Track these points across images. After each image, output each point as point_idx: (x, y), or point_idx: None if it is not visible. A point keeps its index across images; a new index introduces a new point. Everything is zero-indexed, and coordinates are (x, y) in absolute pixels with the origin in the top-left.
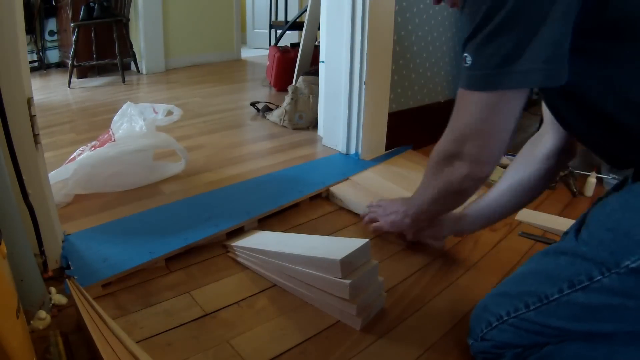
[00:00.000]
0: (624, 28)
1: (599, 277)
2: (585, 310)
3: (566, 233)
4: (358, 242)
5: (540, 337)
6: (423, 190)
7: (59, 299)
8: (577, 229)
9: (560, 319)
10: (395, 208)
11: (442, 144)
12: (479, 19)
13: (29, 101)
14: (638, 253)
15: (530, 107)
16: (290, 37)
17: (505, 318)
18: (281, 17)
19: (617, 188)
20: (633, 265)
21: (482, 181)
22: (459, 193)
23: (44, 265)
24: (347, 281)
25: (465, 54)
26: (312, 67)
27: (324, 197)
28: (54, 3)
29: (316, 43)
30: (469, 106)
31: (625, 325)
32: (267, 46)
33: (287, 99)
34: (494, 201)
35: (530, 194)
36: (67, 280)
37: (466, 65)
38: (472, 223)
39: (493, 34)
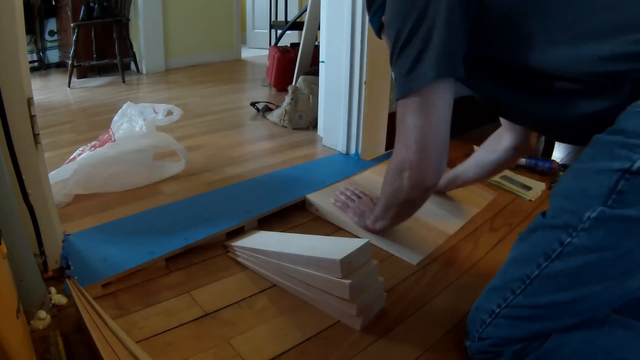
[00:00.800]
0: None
1: (568, 239)
2: (568, 277)
3: None
4: (358, 242)
5: (535, 322)
6: (379, 201)
7: (59, 299)
8: (543, 212)
9: (547, 294)
10: (364, 207)
11: (393, 157)
12: (392, 43)
13: (29, 101)
14: (595, 204)
15: None
16: (290, 37)
17: (497, 311)
18: (281, 17)
19: None
20: (594, 215)
21: (429, 190)
22: (407, 202)
23: (44, 265)
24: (347, 281)
25: (392, 72)
26: (312, 67)
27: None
28: (54, 3)
29: (316, 43)
30: (401, 115)
31: (612, 282)
32: (267, 46)
33: (287, 99)
34: (461, 172)
35: (489, 173)
36: (67, 280)
37: (394, 80)
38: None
39: (402, 51)
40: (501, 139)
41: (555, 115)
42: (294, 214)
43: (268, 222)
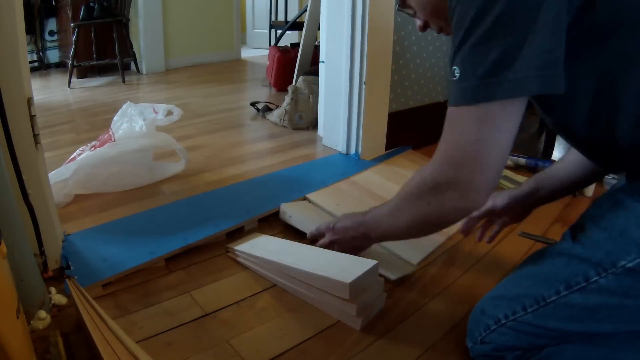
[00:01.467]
0: (609, 31)
1: (595, 278)
2: (583, 311)
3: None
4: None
5: (539, 339)
6: (391, 215)
7: (59, 299)
8: (573, 229)
9: (558, 321)
10: (352, 233)
11: (431, 170)
12: (465, 29)
13: (29, 101)
14: (634, 252)
15: (530, 106)
16: (290, 37)
17: (503, 321)
18: (281, 17)
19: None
20: (630, 265)
21: (472, 212)
22: (440, 225)
23: (44, 265)
24: (347, 281)
25: (454, 67)
26: (312, 67)
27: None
28: (54, 3)
29: (316, 43)
30: (460, 124)
31: (624, 325)
32: (267, 46)
33: (287, 99)
34: (547, 178)
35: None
36: (67, 280)
37: (454, 78)
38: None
39: (481, 42)
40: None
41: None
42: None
43: (268, 221)
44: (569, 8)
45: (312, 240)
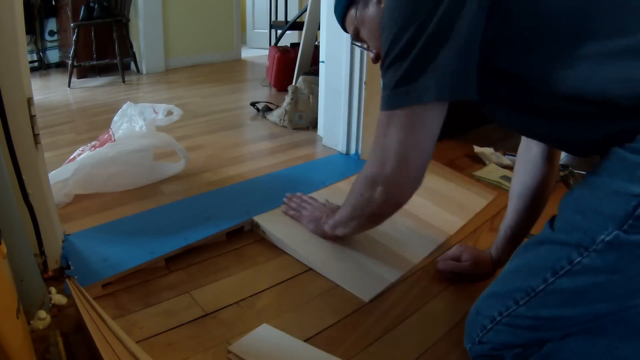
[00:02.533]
0: (530, 40)
1: (578, 259)
2: (573, 294)
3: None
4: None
5: (536, 331)
6: (343, 208)
7: (59, 299)
8: (551, 220)
9: (551, 308)
10: (319, 213)
11: (365, 168)
12: (386, 49)
13: (29, 101)
14: (610, 226)
15: None
16: (290, 37)
17: (498, 319)
18: (281, 17)
19: None
20: (608, 238)
21: (399, 206)
22: (375, 216)
23: (44, 265)
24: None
25: (381, 79)
26: (312, 67)
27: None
28: (54, 3)
29: (316, 43)
30: (383, 125)
31: (618, 302)
32: (267, 46)
33: (287, 99)
34: (515, 220)
35: (540, 197)
36: (67, 280)
37: (382, 89)
38: (507, 251)
39: (396, 59)
40: (531, 149)
41: (575, 136)
42: None
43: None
44: (478, 28)
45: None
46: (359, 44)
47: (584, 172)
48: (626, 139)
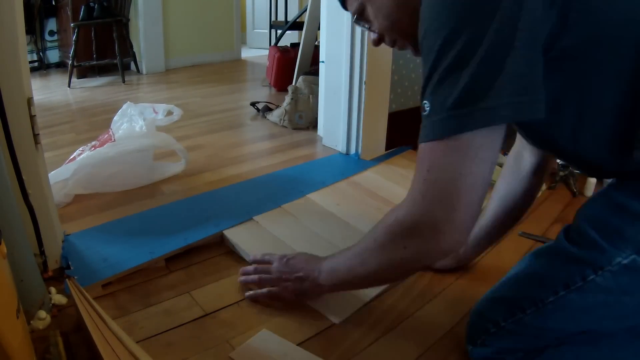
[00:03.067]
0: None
1: (592, 277)
2: (582, 310)
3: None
4: None
5: (539, 339)
6: (356, 261)
7: (59, 299)
8: (567, 230)
9: (558, 321)
10: (302, 274)
11: (407, 211)
12: (433, 59)
13: (29, 101)
14: (628, 249)
15: None
16: (290, 37)
17: (502, 324)
18: (281, 17)
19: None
20: (625, 261)
21: (452, 253)
22: (414, 270)
23: (44, 265)
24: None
25: (424, 101)
26: (312, 67)
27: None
28: (54, 3)
29: (316, 43)
30: (435, 160)
31: (624, 321)
32: (267, 46)
33: (287, 99)
34: (491, 222)
35: (520, 208)
36: (67, 280)
37: (424, 113)
38: (475, 251)
39: (449, 73)
40: (522, 160)
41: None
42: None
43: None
44: (542, 30)
45: (250, 270)
46: (362, 23)
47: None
48: None
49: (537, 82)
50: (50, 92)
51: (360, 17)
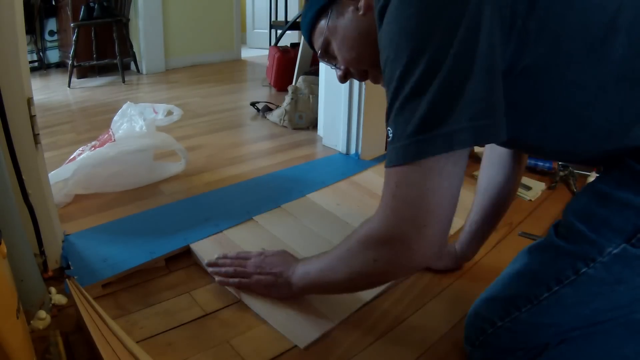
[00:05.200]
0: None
1: (584, 269)
2: (577, 303)
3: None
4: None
5: (537, 337)
6: (328, 267)
7: (59, 299)
8: (556, 225)
9: (554, 316)
10: (276, 270)
11: (379, 224)
12: (394, 88)
13: (29, 101)
14: (618, 239)
15: None
16: (290, 37)
17: (499, 324)
18: (281, 17)
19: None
20: (615, 251)
21: (420, 268)
22: (380, 282)
23: (44, 265)
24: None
25: (388, 128)
26: (312, 67)
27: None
28: (54, 3)
29: None
30: (400, 179)
31: (621, 310)
32: (267, 46)
33: (287, 99)
34: (480, 216)
35: (505, 196)
36: (67, 280)
37: (388, 139)
38: (470, 249)
39: (409, 99)
40: (497, 147)
41: (587, 148)
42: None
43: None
44: (501, 54)
45: (227, 262)
46: (327, 59)
47: (585, 173)
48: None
49: (498, 105)
50: (50, 92)
51: (325, 53)
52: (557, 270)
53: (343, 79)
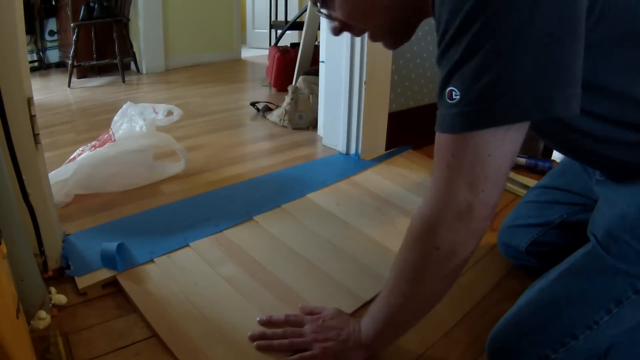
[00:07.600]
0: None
1: None
2: (636, 322)
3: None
4: None
5: (590, 357)
6: (393, 294)
7: (59, 299)
8: (601, 239)
9: (611, 337)
10: (343, 332)
11: (428, 205)
12: (466, 44)
13: (29, 101)
14: None
15: None
16: (290, 37)
17: (552, 356)
18: (281, 17)
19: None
20: None
21: (466, 258)
22: (455, 268)
23: (44, 265)
24: None
25: (451, 88)
26: (312, 67)
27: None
28: (54, 3)
29: (316, 43)
30: (460, 147)
31: None
32: (267, 46)
33: (287, 99)
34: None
35: None
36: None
37: (451, 101)
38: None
39: (488, 61)
40: None
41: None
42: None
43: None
44: (585, 23)
45: (278, 334)
46: (324, 11)
47: None
48: None
49: (578, 75)
50: (50, 92)
51: (323, 2)
52: (616, 292)
53: (338, 32)
